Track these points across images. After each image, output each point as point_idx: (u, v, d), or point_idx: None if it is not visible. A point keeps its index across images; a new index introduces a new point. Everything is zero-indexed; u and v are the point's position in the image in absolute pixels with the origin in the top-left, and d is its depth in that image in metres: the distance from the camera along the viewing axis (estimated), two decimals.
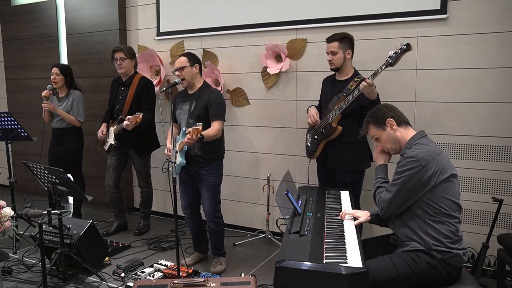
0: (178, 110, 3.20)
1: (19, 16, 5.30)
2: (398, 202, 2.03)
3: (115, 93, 3.91)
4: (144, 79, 3.87)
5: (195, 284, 2.14)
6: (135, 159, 3.93)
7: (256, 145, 4.00)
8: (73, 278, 3.08)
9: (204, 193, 3.15)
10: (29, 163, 3.07)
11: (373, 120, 2.21)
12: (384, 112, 2.19)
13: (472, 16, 3.01)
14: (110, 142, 3.86)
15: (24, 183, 5.27)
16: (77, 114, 4.02)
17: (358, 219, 2.25)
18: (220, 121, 3.04)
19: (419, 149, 2.02)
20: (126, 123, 3.49)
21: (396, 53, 2.61)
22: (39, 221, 2.53)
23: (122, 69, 3.77)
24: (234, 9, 3.91)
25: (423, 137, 2.11)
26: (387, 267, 1.98)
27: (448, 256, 1.95)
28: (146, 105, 3.79)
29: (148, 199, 4.13)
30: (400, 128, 2.15)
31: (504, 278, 2.75)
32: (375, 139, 2.26)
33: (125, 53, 3.74)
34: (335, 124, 2.95)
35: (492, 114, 3.02)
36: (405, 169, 1.98)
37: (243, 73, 3.97)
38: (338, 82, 3.06)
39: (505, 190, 3.04)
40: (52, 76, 3.97)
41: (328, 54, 2.99)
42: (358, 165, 3.01)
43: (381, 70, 2.68)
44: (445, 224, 1.97)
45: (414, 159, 1.97)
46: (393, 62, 2.63)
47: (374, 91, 2.77)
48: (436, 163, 1.97)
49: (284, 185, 2.39)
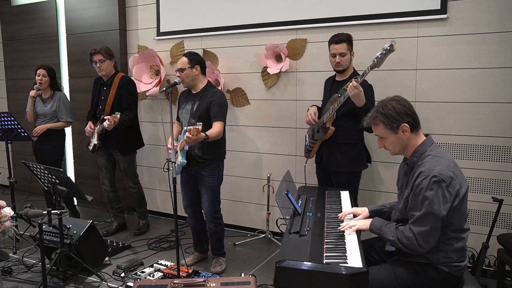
0: (181, 110, 3.20)
1: (19, 16, 5.30)
2: (436, 226, 1.84)
3: (97, 93, 3.90)
4: (125, 78, 3.84)
5: (195, 284, 2.14)
6: (120, 159, 3.90)
7: (256, 145, 4.00)
8: (73, 278, 3.08)
9: (204, 194, 3.15)
10: (29, 163, 3.07)
11: (386, 121, 1.97)
12: (401, 115, 1.94)
13: (472, 16, 3.01)
14: (94, 142, 3.85)
15: (24, 183, 5.26)
16: (66, 116, 4.06)
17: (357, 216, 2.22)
18: (221, 122, 3.02)
19: (437, 164, 1.86)
20: (107, 123, 3.49)
21: (381, 54, 2.60)
22: (39, 221, 2.53)
23: (102, 71, 3.76)
24: (234, 9, 3.91)
25: (432, 144, 1.98)
26: (388, 277, 1.94)
27: (454, 270, 1.92)
28: (127, 105, 3.77)
29: (140, 198, 4.11)
30: (412, 134, 1.97)
31: (504, 278, 2.74)
32: (379, 137, 2.06)
33: (104, 55, 3.71)
34: (329, 125, 2.95)
35: (492, 114, 3.02)
36: (430, 189, 1.82)
37: (243, 73, 3.97)
38: (337, 82, 3.07)
39: (505, 190, 3.04)
40: (39, 77, 3.97)
41: (336, 56, 2.94)
42: (353, 166, 3.00)
43: (368, 72, 2.69)
44: (458, 239, 1.91)
45: (438, 178, 1.81)
46: (378, 63, 2.62)
47: (360, 96, 2.71)
48: (457, 179, 1.86)
49: (284, 185, 2.39)
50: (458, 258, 1.92)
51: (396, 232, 1.93)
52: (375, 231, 2.03)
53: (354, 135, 2.96)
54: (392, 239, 1.93)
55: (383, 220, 2.07)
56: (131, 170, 4.00)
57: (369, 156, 3.12)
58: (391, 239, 1.94)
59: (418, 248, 1.86)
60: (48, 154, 4.05)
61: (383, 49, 2.58)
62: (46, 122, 4.05)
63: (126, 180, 4.03)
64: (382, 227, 2.00)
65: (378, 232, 2.01)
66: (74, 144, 4.91)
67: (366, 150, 3.10)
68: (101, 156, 3.94)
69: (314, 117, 3.07)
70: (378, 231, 2.01)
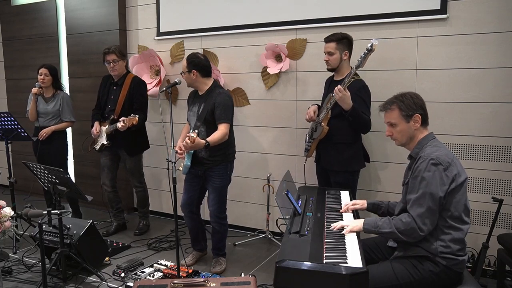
0: (189, 112, 3.19)
1: (19, 16, 5.30)
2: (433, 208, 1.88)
3: (106, 92, 3.88)
4: (136, 79, 3.84)
5: (195, 284, 2.14)
6: (126, 159, 3.91)
7: (256, 145, 4.00)
8: (73, 278, 3.08)
9: (210, 194, 3.16)
10: (29, 163, 3.07)
11: (402, 107, 2.05)
12: (417, 106, 2.04)
13: (472, 16, 3.01)
14: (102, 142, 3.84)
15: (24, 183, 5.27)
16: (69, 117, 4.04)
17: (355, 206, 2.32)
18: (225, 124, 2.98)
19: (435, 151, 1.95)
20: (121, 124, 3.48)
21: (364, 54, 2.65)
22: (39, 221, 2.53)
23: (115, 71, 3.76)
24: (234, 9, 3.91)
25: (434, 139, 2.06)
26: (387, 274, 1.95)
27: (452, 263, 1.92)
28: (138, 106, 3.77)
29: (144, 198, 4.12)
30: (420, 127, 2.07)
31: (504, 278, 2.75)
32: (390, 124, 2.11)
33: (117, 55, 3.72)
34: (324, 124, 2.96)
35: (492, 114, 3.02)
36: (428, 171, 1.90)
37: (243, 73, 3.97)
38: (334, 82, 3.08)
39: (505, 190, 3.04)
40: (41, 76, 3.97)
41: (325, 54, 3.00)
42: (349, 166, 3.00)
43: (352, 72, 2.75)
44: (457, 229, 1.93)
45: (435, 161, 1.90)
46: (360, 64, 2.69)
47: (347, 100, 2.75)
48: (455, 166, 1.93)
49: (284, 185, 2.39)
50: (456, 250, 1.93)
51: (392, 222, 1.96)
52: (370, 229, 2.03)
53: (350, 135, 2.96)
54: (389, 230, 1.95)
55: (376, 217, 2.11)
56: (137, 170, 4.01)
57: (367, 156, 3.13)
58: (389, 230, 1.95)
59: (418, 232, 1.89)
60: (53, 155, 4.03)
61: (366, 48, 2.63)
62: (48, 121, 4.04)
63: (131, 179, 4.04)
64: (376, 222, 2.02)
65: (374, 230, 2.02)
66: (75, 144, 4.90)
67: (363, 149, 3.10)
68: (105, 156, 3.94)
69: (312, 115, 3.08)
70: (373, 228, 2.01)
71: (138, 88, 3.78)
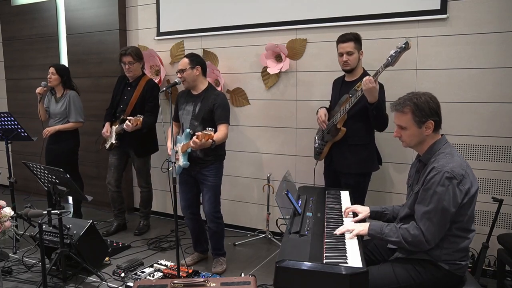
0: (181, 111, 3.19)
1: (19, 16, 5.30)
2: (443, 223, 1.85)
3: (120, 92, 3.90)
4: (151, 82, 3.86)
5: (195, 284, 2.14)
6: (134, 159, 3.95)
7: (256, 145, 4.00)
8: (73, 278, 3.08)
9: (205, 194, 3.16)
10: (29, 163, 3.07)
11: (416, 112, 1.93)
12: (432, 112, 1.92)
13: (472, 16, 3.01)
14: (111, 141, 3.88)
15: (24, 183, 5.27)
16: (75, 117, 4.01)
17: (358, 216, 2.22)
18: (226, 124, 3.03)
19: (450, 161, 1.86)
20: (127, 123, 3.51)
21: (395, 52, 2.57)
22: (39, 221, 2.53)
23: (131, 72, 3.78)
24: (234, 9, 3.91)
25: (446, 143, 1.98)
26: (388, 276, 1.93)
27: (455, 268, 1.92)
28: (150, 108, 3.78)
29: (148, 199, 4.14)
30: (432, 133, 1.96)
31: (504, 278, 2.75)
32: (400, 126, 2.00)
33: (133, 57, 3.73)
34: (340, 126, 2.91)
35: (492, 114, 3.02)
36: (441, 185, 1.82)
37: (243, 73, 3.97)
38: (346, 83, 3.02)
39: (505, 190, 3.04)
40: (48, 75, 3.98)
41: (343, 54, 2.90)
42: (363, 168, 2.95)
43: (382, 70, 2.65)
44: (463, 239, 1.91)
45: (450, 174, 1.82)
46: (392, 61, 2.58)
47: (374, 92, 2.66)
48: (468, 178, 1.87)
49: (284, 185, 2.39)
50: (460, 258, 1.92)
51: (400, 231, 1.90)
52: (375, 235, 1.98)
53: (365, 136, 2.92)
54: (396, 239, 1.90)
55: (382, 222, 2.06)
56: (145, 170, 4.02)
57: (379, 157, 3.08)
58: (395, 240, 1.91)
59: (426, 245, 1.85)
60: (61, 155, 4.02)
61: (398, 47, 2.55)
62: (57, 122, 4.03)
63: (138, 179, 4.07)
64: (382, 229, 1.96)
65: (379, 236, 1.97)
66: None
67: (377, 151, 3.06)
68: (114, 155, 3.95)
69: (324, 119, 3.01)
70: (379, 234, 1.96)
71: (151, 91, 3.79)
